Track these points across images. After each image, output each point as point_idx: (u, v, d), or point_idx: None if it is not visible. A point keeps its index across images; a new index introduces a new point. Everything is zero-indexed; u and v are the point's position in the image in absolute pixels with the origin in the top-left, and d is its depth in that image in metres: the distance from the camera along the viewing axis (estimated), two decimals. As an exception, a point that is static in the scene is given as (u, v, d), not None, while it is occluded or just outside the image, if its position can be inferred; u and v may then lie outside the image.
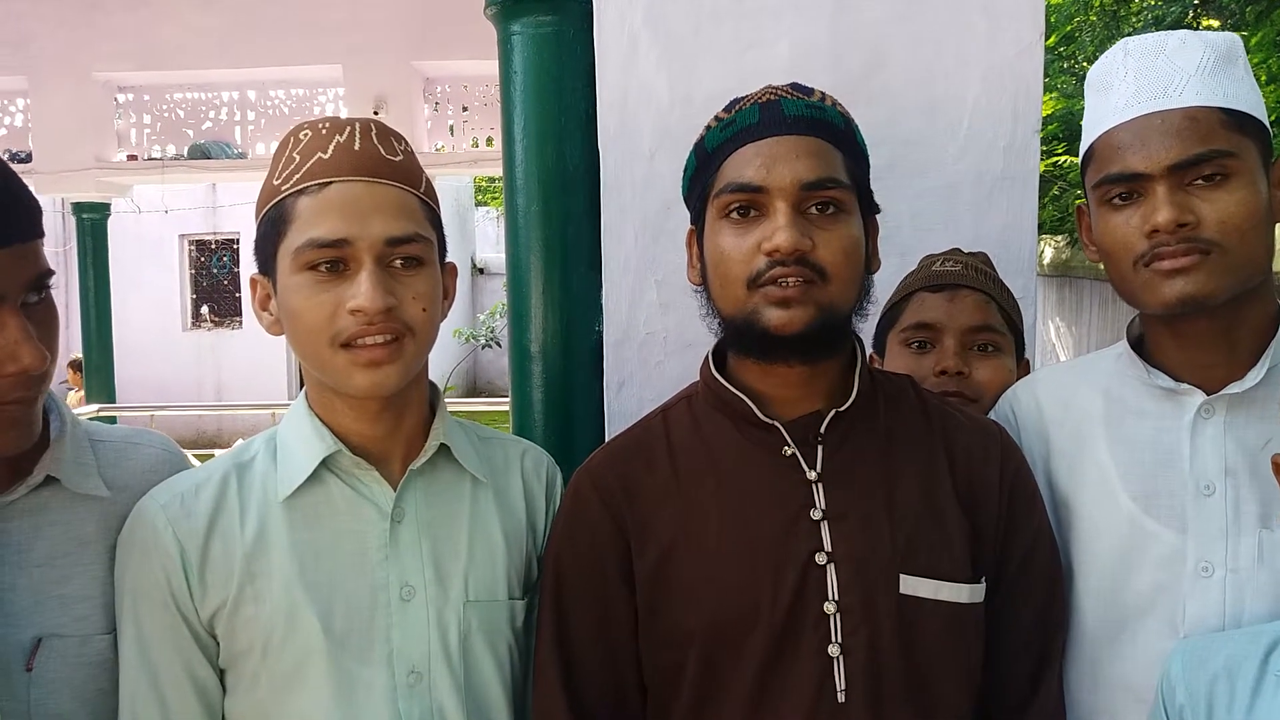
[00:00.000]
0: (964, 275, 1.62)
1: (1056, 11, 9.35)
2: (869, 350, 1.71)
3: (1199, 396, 1.25)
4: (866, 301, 1.26)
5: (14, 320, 1.07)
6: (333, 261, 1.17)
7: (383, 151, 1.21)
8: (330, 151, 1.19)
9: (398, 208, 1.20)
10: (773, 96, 1.22)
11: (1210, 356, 1.25)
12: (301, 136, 1.22)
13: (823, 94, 1.25)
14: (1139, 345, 1.34)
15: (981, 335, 1.60)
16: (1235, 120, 1.19)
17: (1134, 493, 1.28)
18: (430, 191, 1.27)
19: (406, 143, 1.27)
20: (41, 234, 1.13)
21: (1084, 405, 1.36)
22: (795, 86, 1.25)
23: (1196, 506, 1.24)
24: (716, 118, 1.26)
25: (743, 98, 1.25)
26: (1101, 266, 1.30)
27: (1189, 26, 8.09)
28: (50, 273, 1.13)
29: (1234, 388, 1.23)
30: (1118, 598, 1.28)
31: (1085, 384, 1.38)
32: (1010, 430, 1.42)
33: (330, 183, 1.18)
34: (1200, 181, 1.18)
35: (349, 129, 1.21)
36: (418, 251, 1.20)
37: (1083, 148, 1.31)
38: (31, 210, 1.11)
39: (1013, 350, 1.64)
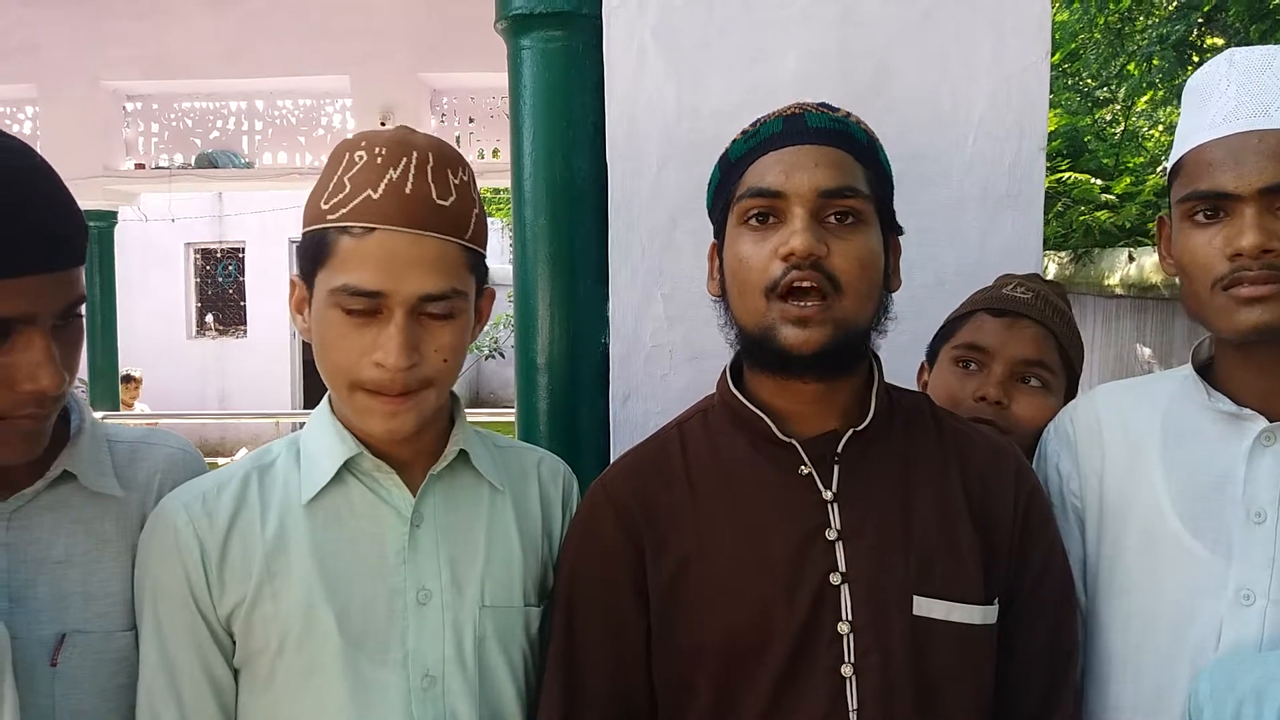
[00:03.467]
0: (1030, 305, 1.57)
1: (1061, 29, 9.38)
2: (921, 359, 1.69)
3: (1261, 422, 1.22)
4: (884, 319, 1.25)
5: (41, 342, 1.09)
6: (365, 309, 1.17)
7: (435, 193, 1.19)
8: (380, 191, 1.17)
9: (438, 261, 1.18)
10: (798, 110, 1.24)
11: (1278, 384, 1.23)
12: (356, 159, 1.19)
13: (848, 113, 1.26)
14: (1204, 369, 1.31)
15: (1031, 369, 1.55)
16: None
17: (1183, 514, 1.25)
18: (478, 233, 1.25)
19: (465, 170, 1.24)
20: (82, 260, 1.14)
21: (1143, 424, 1.33)
22: (822, 105, 1.26)
23: (1245, 533, 1.21)
24: (742, 131, 1.27)
25: (769, 113, 1.26)
26: (1104, 283, 1.29)
27: (1193, 44, 8.12)
28: (83, 298, 1.15)
29: None
30: (1154, 620, 1.26)
31: (1146, 403, 1.35)
32: (1067, 443, 1.41)
33: (374, 229, 1.16)
34: None
35: (404, 162, 1.18)
36: (450, 308, 1.21)
37: (1173, 157, 1.28)
38: (78, 236, 1.13)
39: (1062, 391, 1.59)
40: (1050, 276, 8.63)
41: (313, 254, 1.21)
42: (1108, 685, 1.31)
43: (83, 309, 1.15)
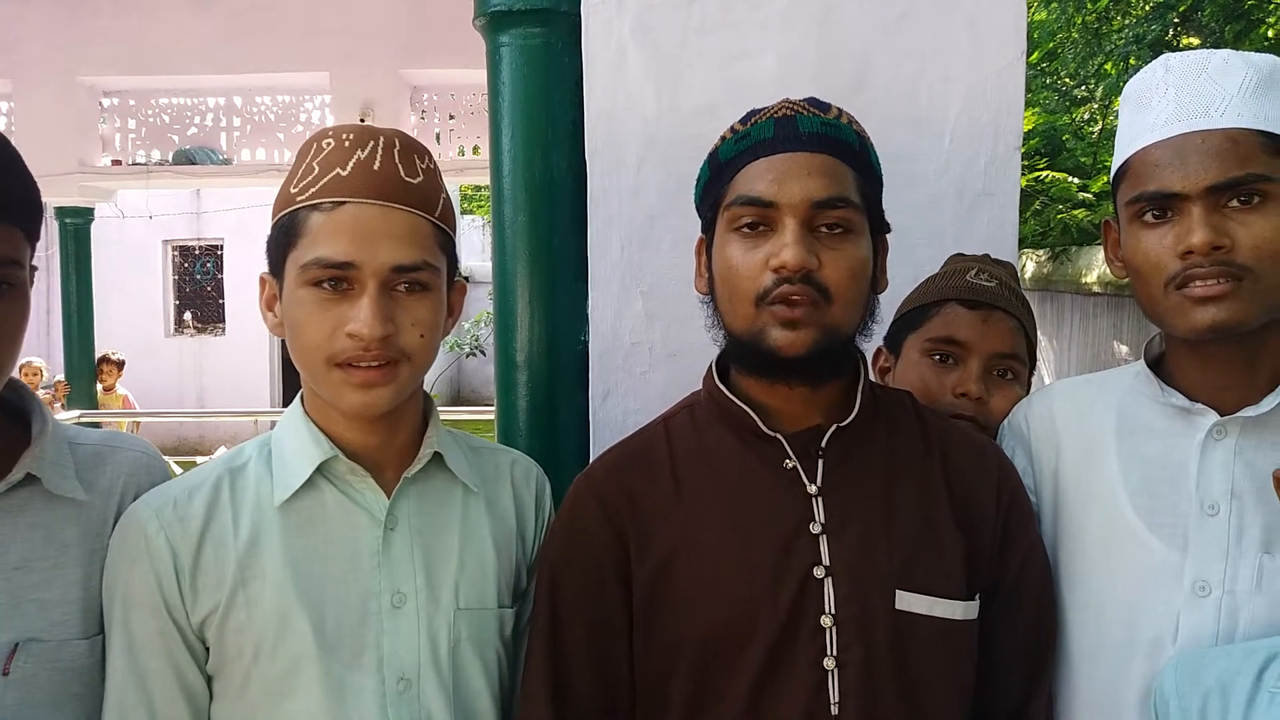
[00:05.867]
0: (999, 295, 1.59)
1: (1039, 28, 9.44)
2: (879, 344, 1.69)
3: (1212, 417, 1.24)
4: (871, 321, 1.26)
5: None
6: (337, 281, 1.17)
7: (402, 172, 1.21)
8: (349, 169, 1.19)
9: (408, 234, 1.20)
10: (789, 112, 1.22)
11: (1230, 379, 1.24)
12: (324, 145, 1.22)
13: (839, 110, 1.25)
14: (1156, 364, 1.33)
15: (1006, 362, 1.57)
16: (1275, 144, 1.17)
17: (1139, 508, 1.27)
18: (446, 214, 1.27)
19: (430, 159, 1.26)
20: (15, 223, 1.12)
21: (1097, 419, 1.35)
22: (812, 102, 1.24)
23: (1199, 526, 1.23)
24: (732, 129, 1.26)
25: (759, 110, 1.25)
26: (1081, 281, 1.30)
27: (1169, 44, 8.19)
28: (17, 262, 1.12)
29: (1249, 411, 1.22)
30: (1110, 612, 1.28)
31: (1100, 398, 1.37)
32: (1021, 439, 1.43)
33: (344, 203, 1.18)
34: (1236, 204, 1.17)
35: (371, 144, 1.20)
36: (423, 279, 1.21)
37: (1115, 162, 1.30)
38: (10, 195, 1.11)
39: (1026, 380, 1.62)
40: (1028, 274, 8.70)
41: (283, 238, 1.21)
42: (1067, 676, 1.32)
43: (19, 274, 1.13)
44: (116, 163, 7.36)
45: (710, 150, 1.29)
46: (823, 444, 1.24)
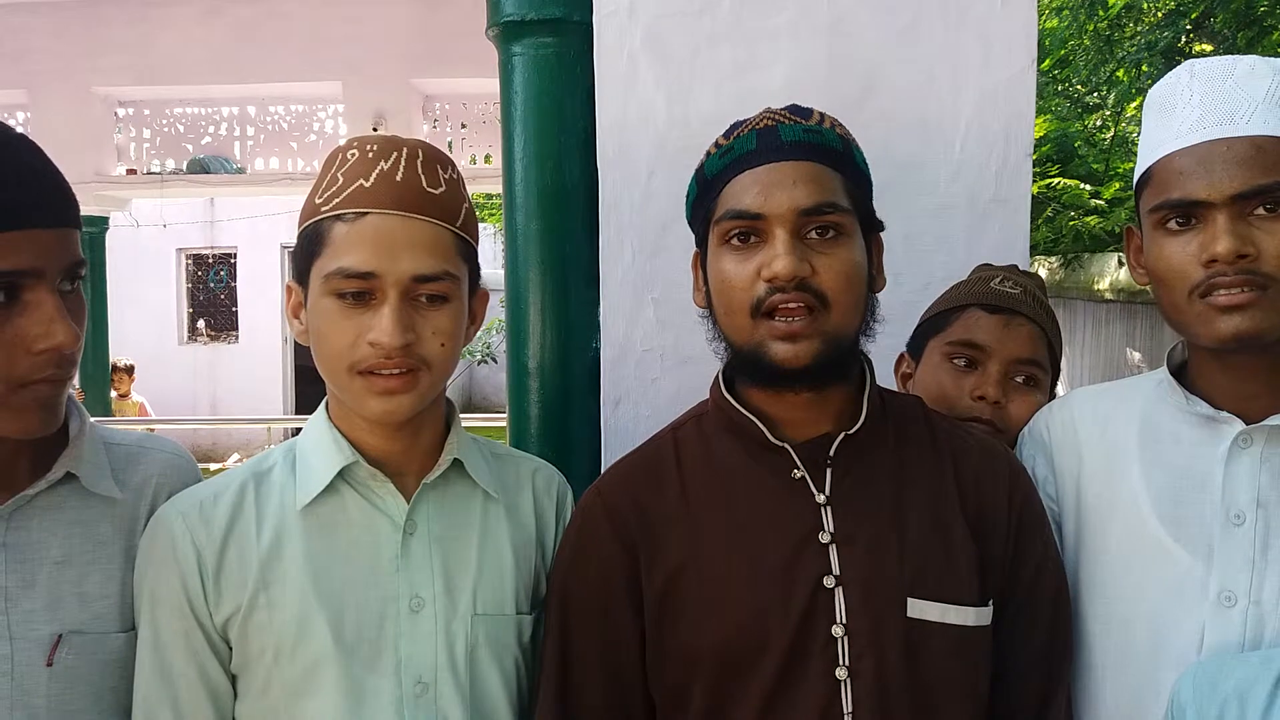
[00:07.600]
0: (1022, 301, 1.58)
1: (1051, 35, 9.43)
2: (903, 350, 1.70)
3: (1237, 425, 1.23)
4: (872, 322, 1.26)
5: (50, 299, 1.12)
6: (359, 292, 1.19)
7: (425, 182, 1.22)
8: (372, 180, 1.21)
9: (430, 244, 1.21)
10: (770, 122, 1.23)
11: (1255, 388, 1.23)
12: (349, 156, 1.24)
13: (821, 115, 1.25)
14: (1178, 372, 1.32)
15: (1026, 368, 1.57)
16: None
17: (1163, 517, 1.26)
18: (468, 224, 1.28)
19: (454, 169, 1.28)
20: (79, 226, 1.18)
21: (1120, 427, 1.34)
22: (793, 109, 1.25)
23: (1224, 535, 1.22)
24: (716, 144, 1.27)
25: (742, 123, 1.26)
26: (1094, 288, 1.30)
27: (1181, 51, 8.17)
28: (84, 262, 1.17)
29: (1275, 419, 1.20)
30: (1135, 623, 1.27)
31: (1123, 407, 1.36)
32: (1043, 447, 1.42)
33: (366, 213, 1.20)
34: (1261, 212, 1.16)
35: (394, 155, 1.22)
36: (444, 289, 1.22)
37: (1139, 168, 1.29)
38: (73, 201, 1.18)
39: (1048, 388, 1.61)
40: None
41: (308, 248, 1.24)
42: (1091, 688, 1.31)
43: (83, 273, 1.18)
44: (131, 172, 7.41)
45: (696, 167, 1.30)
46: (830, 453, 1.24)
